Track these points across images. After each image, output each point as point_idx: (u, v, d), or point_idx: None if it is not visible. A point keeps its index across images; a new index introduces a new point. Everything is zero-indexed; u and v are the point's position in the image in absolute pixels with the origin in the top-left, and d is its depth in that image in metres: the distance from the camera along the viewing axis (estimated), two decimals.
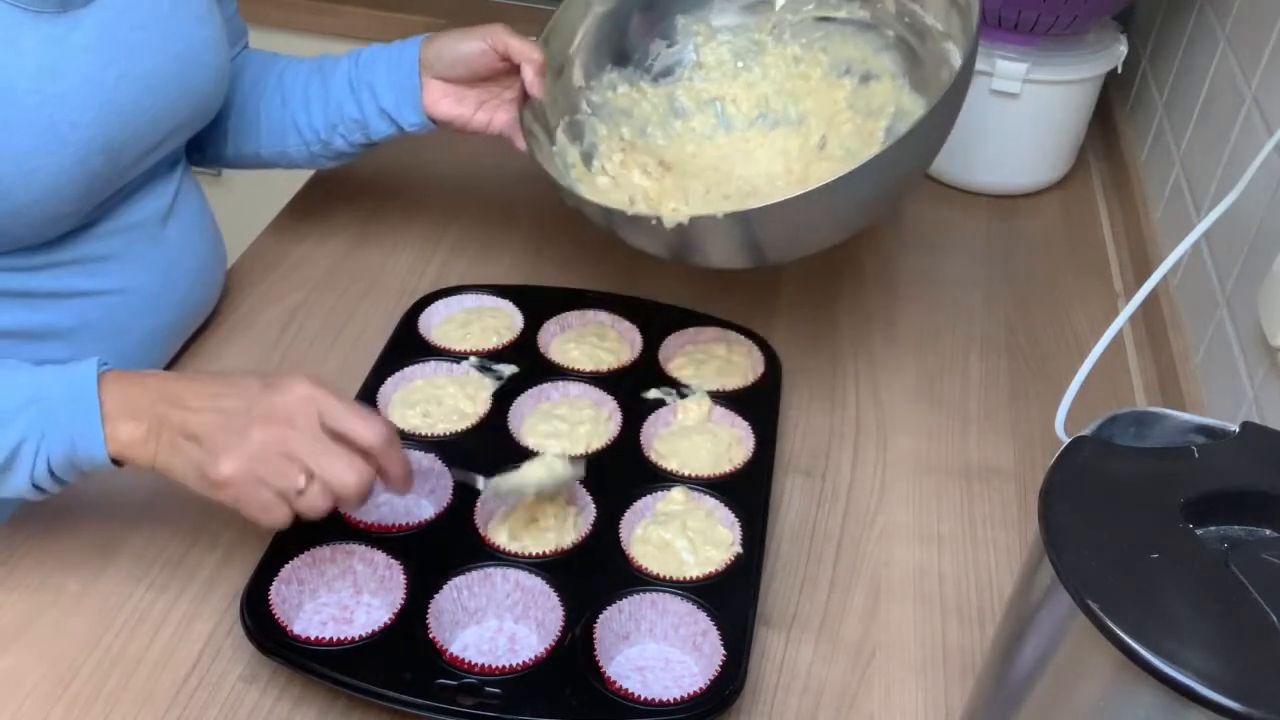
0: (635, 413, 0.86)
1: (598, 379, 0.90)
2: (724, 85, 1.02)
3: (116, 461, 0.69)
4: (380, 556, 0.73)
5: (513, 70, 0.91)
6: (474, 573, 0.72)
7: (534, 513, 0.78)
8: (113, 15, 0.79)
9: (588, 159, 0.97)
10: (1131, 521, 0.52)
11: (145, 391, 0.69)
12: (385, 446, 0.68)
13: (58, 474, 0.69)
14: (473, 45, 0.91)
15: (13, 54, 0.72)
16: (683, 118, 1.02)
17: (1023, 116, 1.20)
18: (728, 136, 1.02)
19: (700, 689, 0.66)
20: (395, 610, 0.70)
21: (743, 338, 0.96)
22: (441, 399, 0.88)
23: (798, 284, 1.09)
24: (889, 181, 0.80)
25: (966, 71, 0.79)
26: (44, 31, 0.74)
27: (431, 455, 0.81)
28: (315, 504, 0.66)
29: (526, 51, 0.89)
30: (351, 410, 0.68)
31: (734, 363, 0.94)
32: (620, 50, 1.01)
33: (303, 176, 1.21)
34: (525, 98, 0.90)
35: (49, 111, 0.73)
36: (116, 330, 0.86)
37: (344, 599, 0.74)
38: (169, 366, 0.94)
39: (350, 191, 1.16)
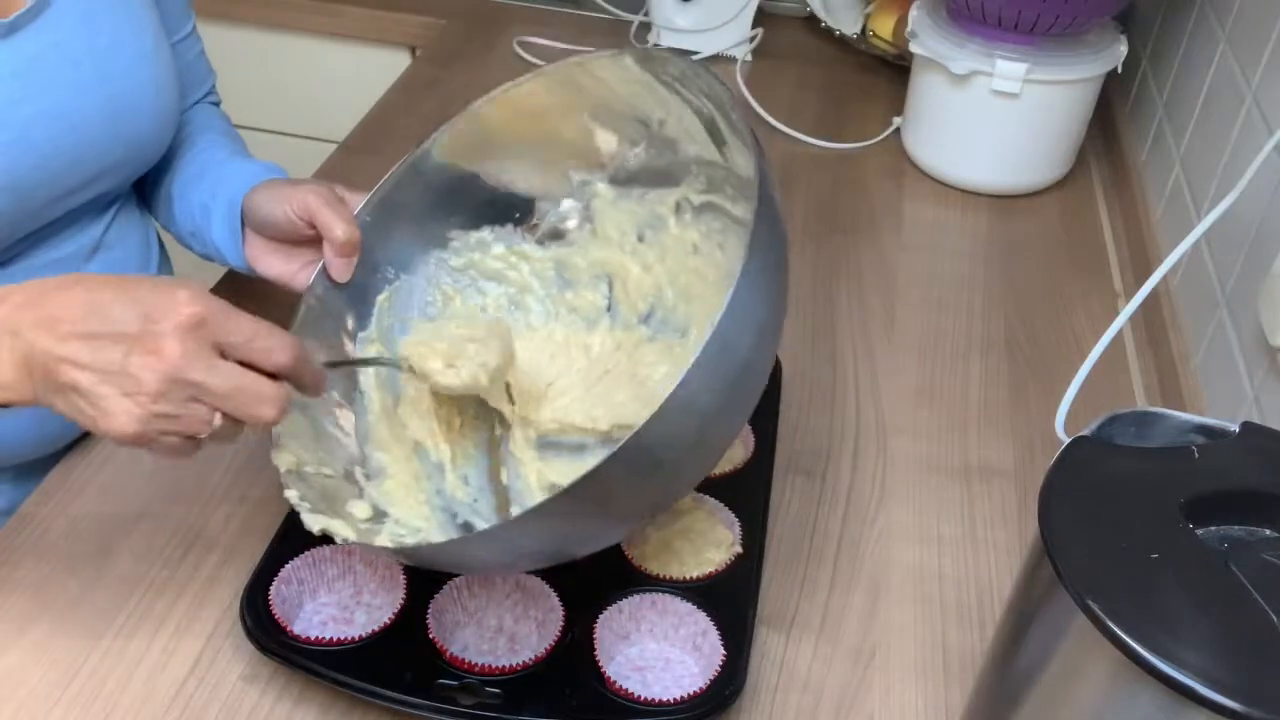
0: None
1: None
2: (619, 258, 0.83)
3: None
4: (380, 556, 0.73)
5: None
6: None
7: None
8: (38, 49, 0.74)
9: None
10: (1131, 521, 0.52)
11: (10, 307, 0.59)
12: (298, 365, 0.61)
13: None
14: (277, 210, 0.77)
15: None
16: (567, 291, 0.84)
17: (1023, 116, 1.20)
18: (609, 333, 0.83)
19: (700, 689, 0.66)
20: (395, 610, 0.70)
21: None
22: None
23: (797, 284, 1.09)
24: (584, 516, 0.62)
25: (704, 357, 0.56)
26: None
27: None
28: (227, 436, 0.61)
29: (332, 227, 0.74)
30: (252, 332, 0.59)
31: None
32: (486, 208, 0.83)
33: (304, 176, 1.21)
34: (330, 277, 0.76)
35: None
36: None
37: (344, 599, 0.74)
38: None
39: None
